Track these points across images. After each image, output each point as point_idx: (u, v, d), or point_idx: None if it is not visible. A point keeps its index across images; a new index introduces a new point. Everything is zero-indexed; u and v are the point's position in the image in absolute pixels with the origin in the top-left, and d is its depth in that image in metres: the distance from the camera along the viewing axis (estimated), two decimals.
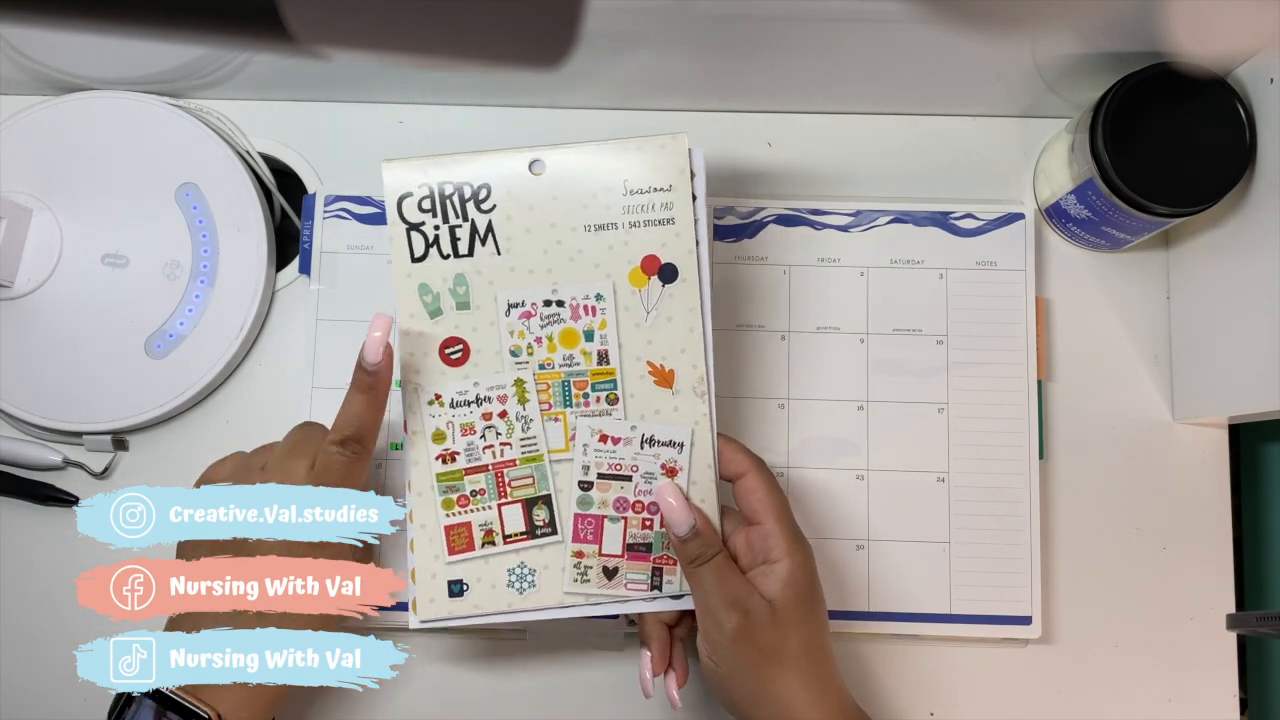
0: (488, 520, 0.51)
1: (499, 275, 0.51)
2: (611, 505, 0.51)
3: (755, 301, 0.61)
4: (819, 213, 0.61)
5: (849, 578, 0.58)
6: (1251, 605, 0.64)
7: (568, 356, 0.51)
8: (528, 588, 0.50)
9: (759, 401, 0.60)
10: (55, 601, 0.60)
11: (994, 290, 0.60)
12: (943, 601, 0.58)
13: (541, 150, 0.51)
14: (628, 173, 0.51)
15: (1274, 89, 0.53)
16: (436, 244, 0.51)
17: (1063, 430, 0.61)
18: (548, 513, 0.51)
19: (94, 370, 0.59)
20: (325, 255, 0.61)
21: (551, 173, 0.51)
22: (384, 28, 0.22)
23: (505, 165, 0.51)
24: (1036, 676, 0.59)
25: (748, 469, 0.50)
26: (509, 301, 0.51)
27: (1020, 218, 0.61)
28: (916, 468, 0.59)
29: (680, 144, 0.51)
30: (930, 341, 0.60)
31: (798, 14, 0.54)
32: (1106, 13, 0.51)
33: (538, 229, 0.51)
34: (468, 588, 0.50)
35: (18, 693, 0.59)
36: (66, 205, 0.60)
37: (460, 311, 0.51)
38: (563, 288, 0.51)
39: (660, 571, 0.51)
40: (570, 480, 0.51)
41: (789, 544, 0.48)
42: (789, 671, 0.47)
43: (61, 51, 0.59)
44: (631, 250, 0.51)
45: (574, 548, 0.51)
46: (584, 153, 0.51)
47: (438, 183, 0.51)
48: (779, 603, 0.47)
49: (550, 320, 0.51)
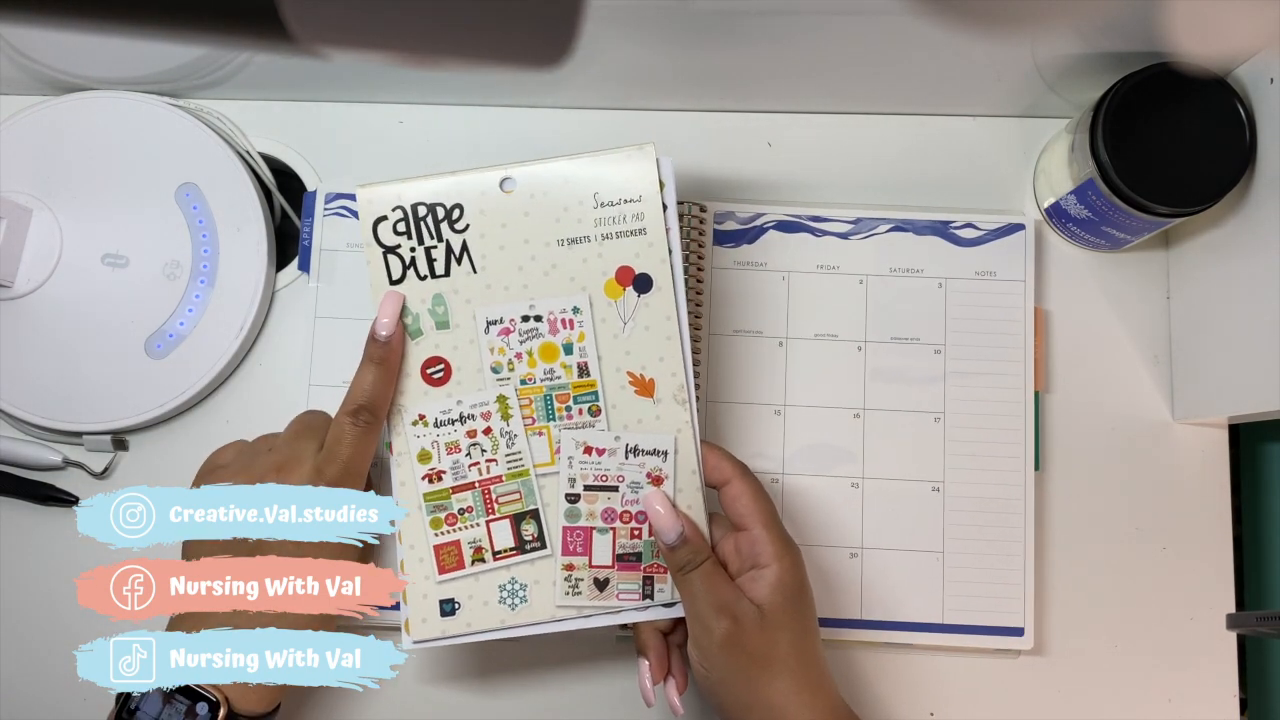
0: (476, 537, 0.51)
1: (476, 293, 0.51)
2: (599, 516, 0.51)
3: (753, 307, 0.61)
4: (819, 219, 0.61)
5: (842, 585, 0.58)
6: (1251, 605, 0.64)
7: (548, 370, 0.51)
8: (520, 603, 0.51)
9: (755, 407, 0.60)
10: (55, 601, 0.60)
11: (993, 300, 0.60)
12: (935, 611, 0.58)
13: (511, 168, 0.51)
14: (597, 185, 0.51)
15: (1274, 89, 0.53)
16: (413, 265, 0.51)
17: (1060, 441, 0.61)
18: (536, 527, 0.51)
19: (94, 370, 0.59)
20: (325, 253, 0.61)
21: (522, 189, 0.51)
22: (384, 28, 0.22)
23: (476, 184, 0.51)
24: (1029, 687, 0.59)
25: (733, 475, 0.50)
26: (487, 319, 0.51)
27: (1020, 228, 0.61)
28: (912, 477, 0.59)
29: (648, 154, 0.51)
30: (928, 350, 0.60)
31: (798, 12, 0.54)
32: (1106, 13, 0.51)
33: (511, 245, 0.51)
34: (459, 606, 0.50)
35: (18, 693, 0.59)
36: (66, 205, 0.60)
37: (440, 331, 0.51)
38: (540, 302, 0.51)
39: (652, 580, 0.51)
40: (557, 493, 0.51)
41: (777, 548, 0.48)
42: (779, 676, 0.47)
43: (61, 51, 0.59)
44: (605, 262, 0.51)
45: (564, 560, 0.51)
46: (554, 167, 0.51)
47: (410, 205, 0.51)
48: (768, 607, 0.47)
49: (529, 335, 0.51)
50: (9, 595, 0.60)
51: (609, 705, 0.58)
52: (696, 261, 0.60)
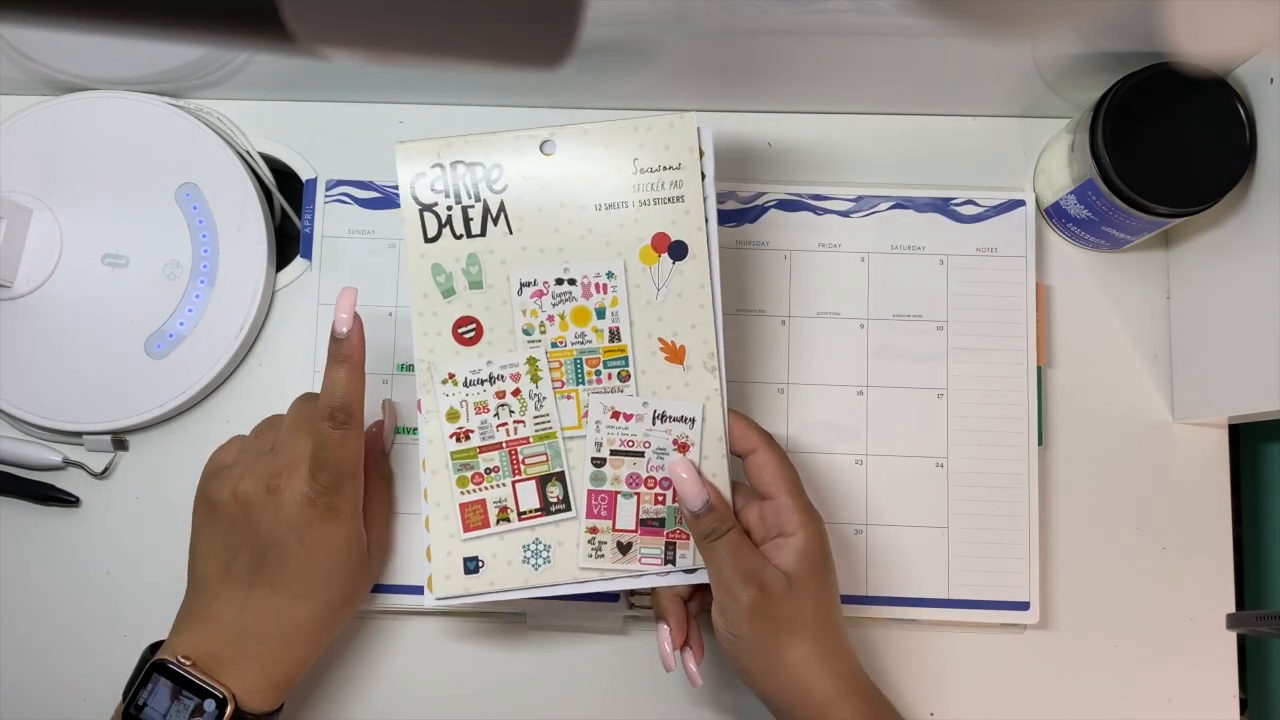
0: (502, 497, 0.51)
1: (511, 254, 0.51)
2: (624, 481, 0.51)
3: (756, 286, 0.61)
4: (820, 198, 0.61)
5: (847, 562, 0.58)
6: (1251, 605, 0.64)
7: (579, 334, 0.51)
8: (543, 564, 0.51)
9: (759, 386, 0.60)
10: (55, 601, 0.60)
11: (994, 276, 0.61)
12: (941, 586, 0.58)
13: (553, 130, 0.51)
14: (637, 152, 0.51)
15: (1274, 89, 0.53)
16: (449, 224, 0.51)
17: (1062, 417, 0.61)
18: (561, 489, 0.51)
19: (94, 370, 0.59)
20: (326, 240, 0.61)
21: (562, 152, 0.51)
22: (384, 28, 0.22)
23: (517, 146, 0.51)
24: (1034, 662, 0.59)
25: (759, 444, 0.51)
26: (521, 280, 0.51)
27: (1021, 204, 0.61)
28: (916, 453, 0.59)
29: (689, 122, 0.51)
30: (930, 327, 0.60)
31: (802, 22, 0.54)
32: (1106, 13, 0.51)
33: (549, 208, 0.51)
34: (483, 564, 0.51)
35: (18, 693, 0.59)
36: (66, 205, 0.60)
37: (473, 291, 0.51)
38: (574, 266, 0.51)
39: (674, 546, 0.51)
40: (583, 457, 0.51)
41: (803, 517, 0.49)
42: (804, 642, 0.48)
43: (61, 51, 0.59)
44: (642, 228, 0.51)
45: (588, 523, 0.51)
46: (594, 132, 0.51)
47: (450, 162, 0.51)
48: (794, 574, 0.48)
49: (562, 299, 0.51)
50: (9, 595, 0.60)
51: (612, 678, 0.59)
52: None
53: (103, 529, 0.60)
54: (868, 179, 0.63)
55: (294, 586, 0.49)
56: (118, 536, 0.60)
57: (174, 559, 0.53)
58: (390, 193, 0.61)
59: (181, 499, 0.61)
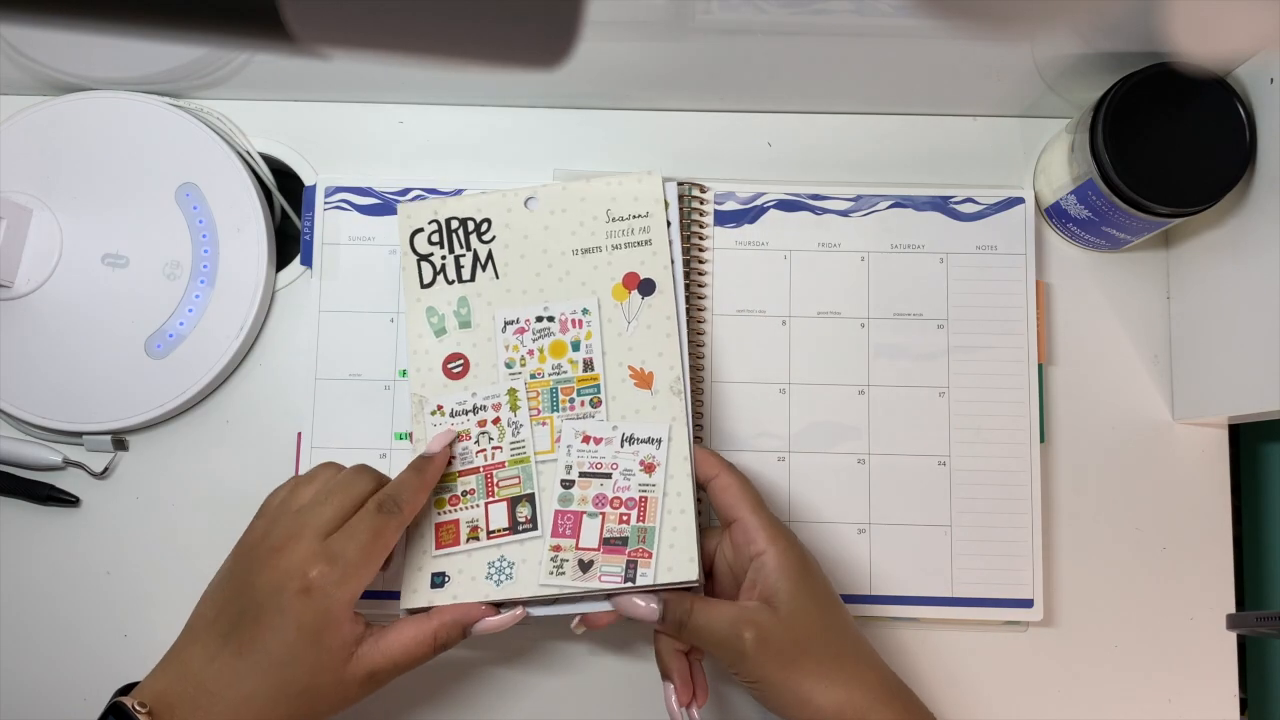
0: (474, 517, 0.54)
1: (497, 296, 0.57)
2: (591, 502, 0.54)
3: (756, 286, 0.61)
4: (819, 198, 0.62)
5: (850, 562, 0.58)
6: (1251, 605, 0.64)
7: (556, 365, 0.56)
8: (505, 580, 0.53)
9: (760, 386, 0.60)
10: (55, 601, 0.60)
11: (994, 274, 0.61)
12: (944, 585, 0.58)
13: (535, 189, 0.58)
14: (610, 204, 0.58)
15: (1274, 89, 0.53)
16: (443, 271, 0.57)
17: (1063, 414, 0.61)
18: (530, 510, 0.54)
19: (94, 370, 0.59)
20: (326, 246, 0.61)
21: (544, 206, 0.58)
22: (384, 28, 0.22)
23: (504, 202, 0.58)
24: (1037, 660, 0.59)
25: (719, 469, 0.53)
26: (505, 319, 0.57)
27: (1020, 202, 0.61)
28: (918, 452, 0.59)
29: (655, 179, 0.58)
30: (931, 326, 0.60)
31: (802, 21, 0.54)
32: (1106, 13, 0.51)
33: (531, 254, 0.57)
34: (449, 579, 0.53)
35: (18, 693, 0.59)
36: (66, 205, 0.60)
37: (462, 330, 0.57)
38: (553, 305, 0.57)
39: (635, 565, 0.52)
40: (553, 479, 0.54)
41: (769, 532, 0.50)
42: (820, 662, 0.48)
43: (61, 51, 0.59)
44: (614, 269, 0.57)
45: (552, 542, 0.53)
46: (572, 189, 0.58)
47: (445, 219, 0.58)
48: (778, 594, 0.48)
49: (541, 334, 0.56)
50: (9, 595, 0.60)
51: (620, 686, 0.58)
52: (698, 243, 0.60)
53: (103, 529, 0.60)
54: (867, 179, 0.63)
55: (256, 656, 0.46)
56: (118, 536, 0.60)
57: (174, 559, 0.53)
58: (389, 199, 0.61)
59: (181, 499, 0.61)
